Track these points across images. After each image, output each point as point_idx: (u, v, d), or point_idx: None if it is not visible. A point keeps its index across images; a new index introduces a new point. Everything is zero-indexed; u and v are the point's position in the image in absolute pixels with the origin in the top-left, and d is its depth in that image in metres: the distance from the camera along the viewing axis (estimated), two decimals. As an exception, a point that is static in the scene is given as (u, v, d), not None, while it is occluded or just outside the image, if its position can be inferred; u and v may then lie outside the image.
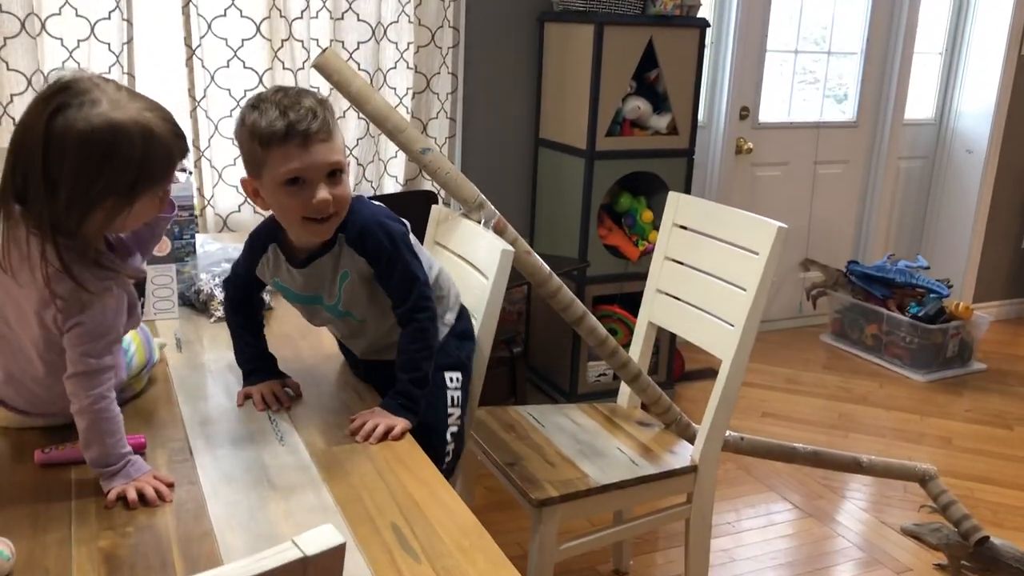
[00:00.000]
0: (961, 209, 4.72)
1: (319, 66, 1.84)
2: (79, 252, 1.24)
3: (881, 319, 4.18)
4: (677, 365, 3.77)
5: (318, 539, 0.77)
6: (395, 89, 3.20)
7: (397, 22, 3.14)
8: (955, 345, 4.08)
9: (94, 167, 1.20)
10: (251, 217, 3.04)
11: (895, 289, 4.20)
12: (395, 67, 3.19)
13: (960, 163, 4.70)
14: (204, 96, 2.89)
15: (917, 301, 4.12)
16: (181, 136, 1.29)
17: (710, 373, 3.95)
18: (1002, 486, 3.12)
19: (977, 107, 4.61)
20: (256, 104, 1.45)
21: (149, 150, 1.22)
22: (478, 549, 1.16)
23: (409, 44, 3.17)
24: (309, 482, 1.32)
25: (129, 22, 2.72)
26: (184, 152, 1.30)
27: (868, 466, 2.47)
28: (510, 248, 1.80)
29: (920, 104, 4.68)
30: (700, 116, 3.71)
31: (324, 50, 1.85)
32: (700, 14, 3.36)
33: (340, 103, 3.10)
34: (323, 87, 3.03)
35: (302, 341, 1.87)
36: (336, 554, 0.79)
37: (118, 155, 1.20)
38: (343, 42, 3.06)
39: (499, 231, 1.94)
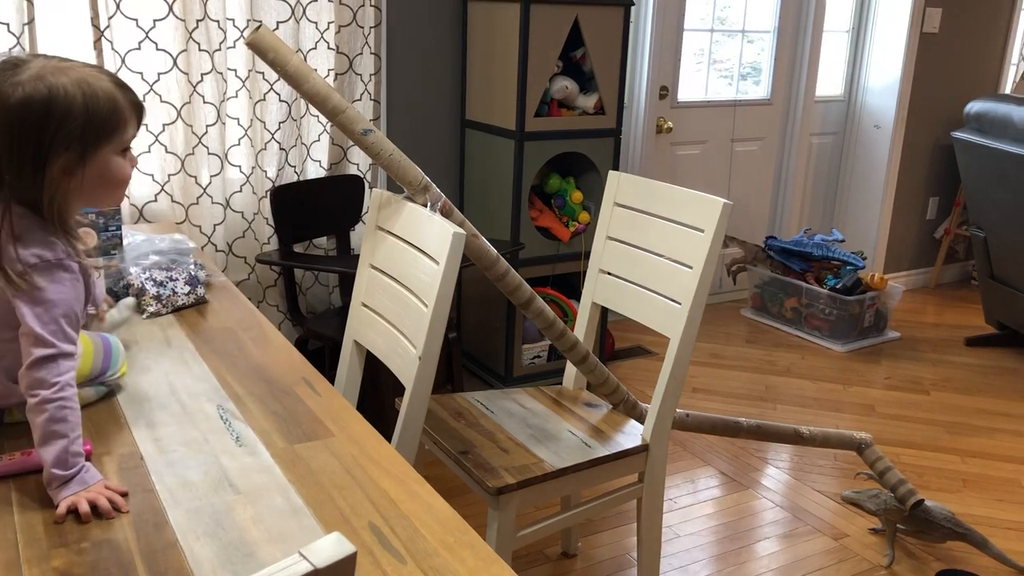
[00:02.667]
0: (871, 183, 4.87)
1: (253, 43, 1.74)
2: (43, 220, 1.22)
3: (800, 292, 4.28)
4: (608, 344, 3.78)
5: (327, 549, 0.72)
6: (316, 70, 3.08)
7: (317, 1, 3.02)
8: (871, 315, 4.21)
9: (36, 125, 1.18)
10: (168, 207, 2.90)
11: (812, 262, 4.30)
12: (315, 47, 3.08)
13: (869, 138, 4.85)
14: (114, 79, 2.73)
15: (834, 273, 4.24)
16: (128, 89, 1.29)
17: (639, 351, 3.99)
18: (924, 449, 3.23)
19: (883, 83, 4.76)
20: None
21: (90, 100, 1.21)
22: (464, 546, 1.12)
23: (330, 24, 3.06)
24: (274, 484, 1.24)
25: (30, 1, 2.54)
26: (138, 107, 1.29)
27: (808, 437, 2.52)
28: (461, 231, 1.75)
29: (830, 81, 4.80)
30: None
31: (258, 26, 1.75)
32: (623, -7, 3.35)
33: (259, 85, 2.99)
34: (240, 68, 2.93)
35: (245, 334, 1.78)
36: (347, 564, 0.74)
37: (57, 108, 1.19)
38: (260, 22, 2.93)
39: (446, 214, 1.89)
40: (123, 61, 2.73)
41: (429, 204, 1.87)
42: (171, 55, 2.79)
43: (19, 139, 1.18)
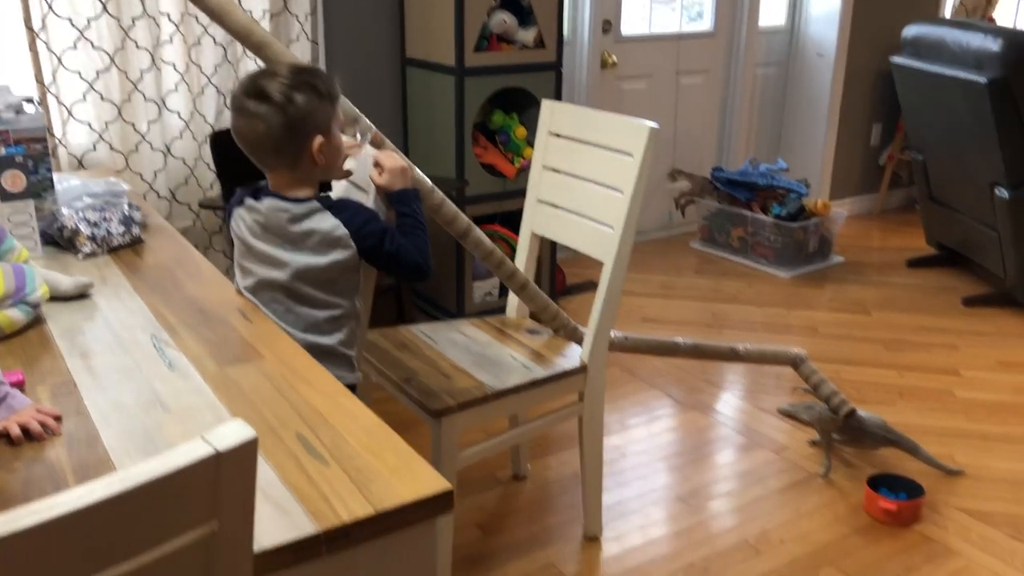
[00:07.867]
0: (815, 111, 4.93)
1: (171, -20, 1.74)
2: None
3: (746, 222, 4.35)
4: (559, 280, 3.84)
5: (229, 434, 0.76)
6: (250, 12, 3.06)
7: (248, -60, 2.99)
8: (815, 241, 4.30)
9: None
10: (107, 156, 2.89)
11: (758, 192, 4.37)
12: (250, -12, 3.05)
13: (812, 67, 4.89)
14: (43, 27, 2.69)
15: (779, 202, 4.31)
16: None
17: (590, 286, 4.04)
18: (864, 365, 3.34)
19: (825, 11, 4.79)
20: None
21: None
22: (387, 448, 1.17)
23: (263, -36, 3.03)
24: (205, 403, 1.29)
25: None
26: None
27: (744, 354, 2.60)
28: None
29: (773, 11, 4.82)
30: (564, 30, 3.71)
31: (175, -38, 1.75)
32: (559, -76, 3.34)
33: (193, 29, 2.96)
34: (173, 12, 2.90)
35: (179, 270, 1.80)
36: (249, 448, 0.78)
37: None
38: (191, -36, 2.89)
39: (376, 144, 1.91)
40: (50, 7, 2.69)
41: (359, 135, 1.89)
42: (101, 0, 2.75)
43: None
